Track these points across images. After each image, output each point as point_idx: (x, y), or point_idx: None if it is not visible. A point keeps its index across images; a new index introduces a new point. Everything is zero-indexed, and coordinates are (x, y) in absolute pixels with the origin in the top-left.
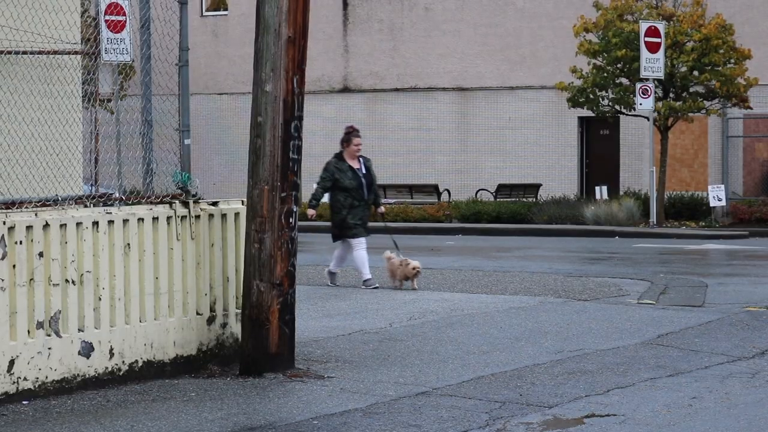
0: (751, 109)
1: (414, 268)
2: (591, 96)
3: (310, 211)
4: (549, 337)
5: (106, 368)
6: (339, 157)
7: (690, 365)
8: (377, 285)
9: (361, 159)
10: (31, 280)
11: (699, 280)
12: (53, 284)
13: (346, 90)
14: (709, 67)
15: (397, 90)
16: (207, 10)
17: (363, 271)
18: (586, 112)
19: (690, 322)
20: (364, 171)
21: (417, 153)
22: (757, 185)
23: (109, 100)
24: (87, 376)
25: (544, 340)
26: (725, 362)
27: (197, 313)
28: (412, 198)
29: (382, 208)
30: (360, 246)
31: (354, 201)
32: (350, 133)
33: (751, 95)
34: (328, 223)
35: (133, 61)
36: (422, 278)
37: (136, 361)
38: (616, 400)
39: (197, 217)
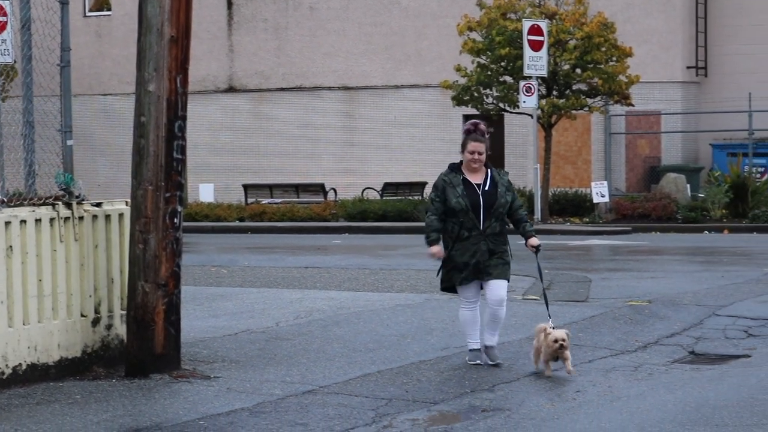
0: (633, 106)
1: (556, 341)
2: (475, 94)
3: (434, 249)
4: (435, 334)
5: None
6: (454, 168)
7: (574, 359)
8: (481, 362)
9: (490, 172)
10: None
11: (583, 276)
12: None
13: (231, 90)
14: (592, 65)
15: (282, 89)
16: (90, 11)
17: (467, 337)
18: (470, 110)
19: (574, 317)
20: (487, 188)
21: (303, 152)
22: (640, 181)
23: None
24: None
25: (430, 337)
26: (608, 356)
27: (82, 315)
28: (298, 197)
29: (533, 240)
30: (466, 302)
31: (463, 230)
32: (467, 134)
33: (633, 92)
34: (214, 223)
35: (14, 62)
36: (309, 277)
37: (20, 365)
38: (501, 395)
39: (81, 218)
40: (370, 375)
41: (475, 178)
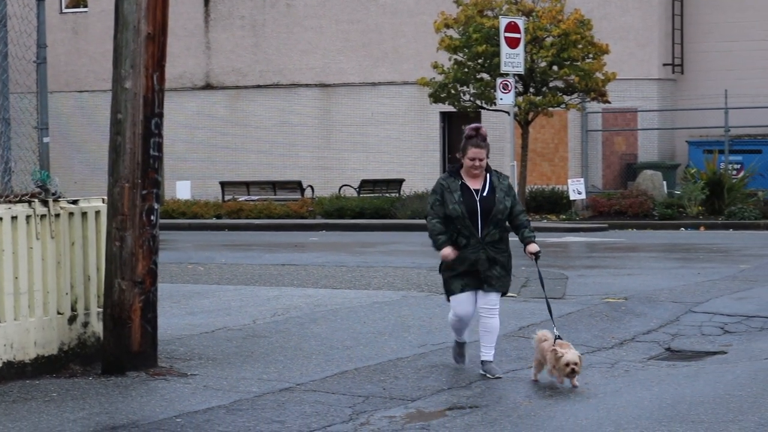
0: (610, 103)
1: (567, 364)
2: (452, 91)
3: (446, 250)
4: (412, 331)
5: None
6: (453, 172)
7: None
8: (462, 366)
9: (489, 176)
10: None
11: (560, 273)
12: None
13: (208, 87)
14: (568, 62)
15: (259, 86)
16: (67, 7)
17: (455, 336)
18: (447, 108)
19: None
20: (485, 193)
21: (280, 149)
22: (616, 178)
23: None
24: None
25: (407, 334)
26: (585, 353)
27: (58, 313)
28: (275, 194)
29: (532, 246)
30: (458, 307)
31: (461, 238)
32: (468, 139)
33: (610, 89)
34: (191, 220)
35: None
36: (286, 274)
37: None
38: (478, 392)
39: (57, 215)
40: (347, 372)
41: (474, 184)
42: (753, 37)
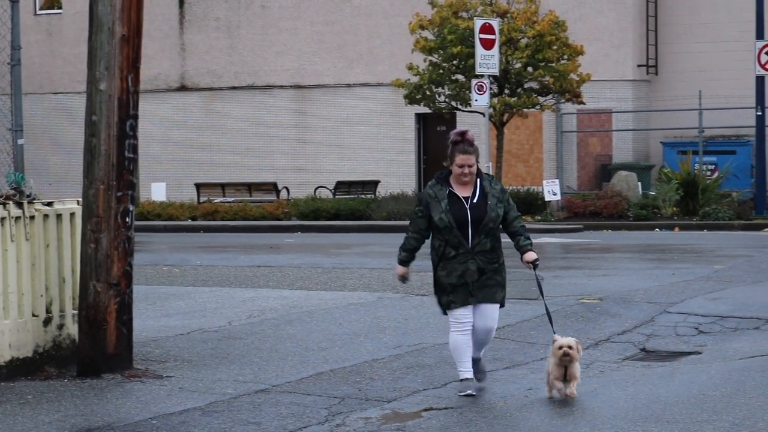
0: (585, 104)
1: (560, 348)
2: (427, 93)
3: (398, 269)
4: (388, 332)
5: None
6: (441, 179)
7: (526, 357)
8: (473, 392)
9: (480, 182)
10: None
11: (535, 273)
12: None
13: (183, 88)
14: (543, 64)
15: (234, 88)
16: (41, 9)
17: (457, 365)
18: (423, 109)
19: (526, 315)
20: (476, 200)
21: (255, 151)
22: (591, 179)
23: None
24: None
25: (382, 336)
26: None
27: (33, 315)
28: (251, 196)
29: (529, 255)
30: (456, 325)
31: (448, 248)
32: (454, 145)
33: (584, 91)
34: (167, 222)
35: None
36: (261, 276)
37: None
38: (453, 393)
39: (32, 217)
40: (323, 374)
41: (463, 191)
42: (726, 39)
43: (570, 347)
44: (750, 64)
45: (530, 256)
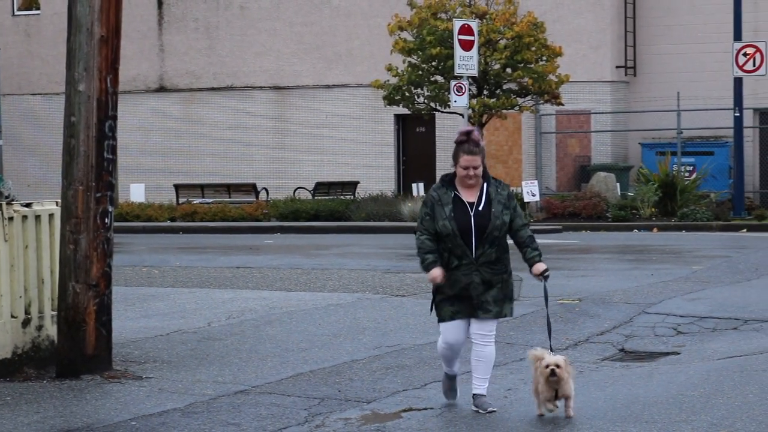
0: (563, 105)
1: (547, 366)
2: (407, 94)
3: (435, 272)
4: (367, 333)
5: None
6: (446, 181)
7: (506, 357)
8: (452, 402)
9: (486, 187)
10: None
11: (514, 275)
12: None
13: (162, 89)
14: (522, 65)
15: (213, 89)
16: (19, 10)
17: (445, 367)
18: (402, 110)
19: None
20: (480, 207)
21: (234, 152)
22: (570, 180)
23: None
24: None
25: (362, 336)
26: None
27: (12, 316)
28: (230, 197)
29: (538, 267)
30: (447, 333)
31: (452, 258)
32: (459, 145)
33: (563, 92)
34: (145, 223)
35: None
36: (241, 277)
37: None
38: (433, 393)
39: (10, 219)
40: (302, 374)
41: (469, 196)
42: (704, 40)
43: (558, 366)
44: (728, 65)
45: (539, 267)
